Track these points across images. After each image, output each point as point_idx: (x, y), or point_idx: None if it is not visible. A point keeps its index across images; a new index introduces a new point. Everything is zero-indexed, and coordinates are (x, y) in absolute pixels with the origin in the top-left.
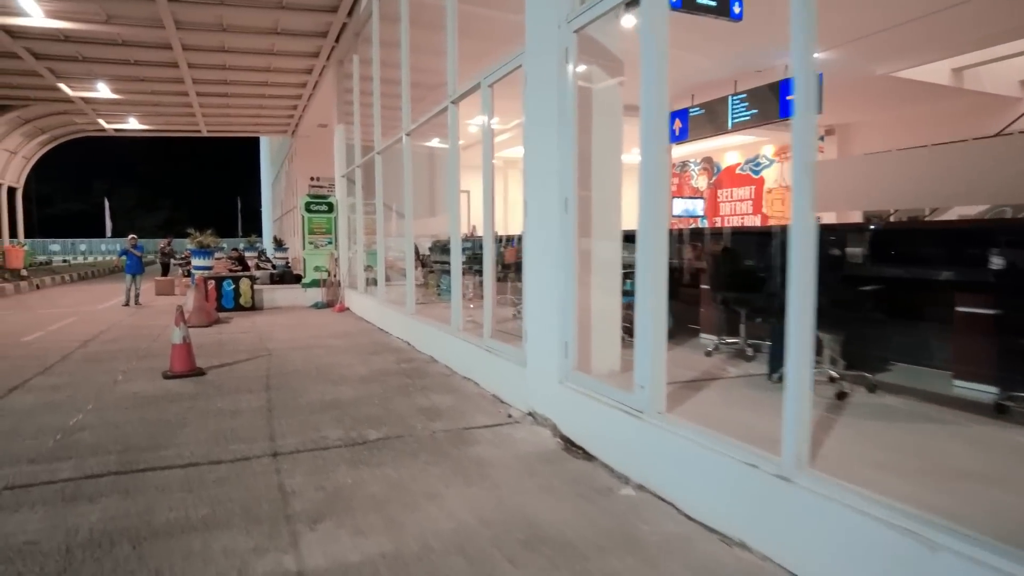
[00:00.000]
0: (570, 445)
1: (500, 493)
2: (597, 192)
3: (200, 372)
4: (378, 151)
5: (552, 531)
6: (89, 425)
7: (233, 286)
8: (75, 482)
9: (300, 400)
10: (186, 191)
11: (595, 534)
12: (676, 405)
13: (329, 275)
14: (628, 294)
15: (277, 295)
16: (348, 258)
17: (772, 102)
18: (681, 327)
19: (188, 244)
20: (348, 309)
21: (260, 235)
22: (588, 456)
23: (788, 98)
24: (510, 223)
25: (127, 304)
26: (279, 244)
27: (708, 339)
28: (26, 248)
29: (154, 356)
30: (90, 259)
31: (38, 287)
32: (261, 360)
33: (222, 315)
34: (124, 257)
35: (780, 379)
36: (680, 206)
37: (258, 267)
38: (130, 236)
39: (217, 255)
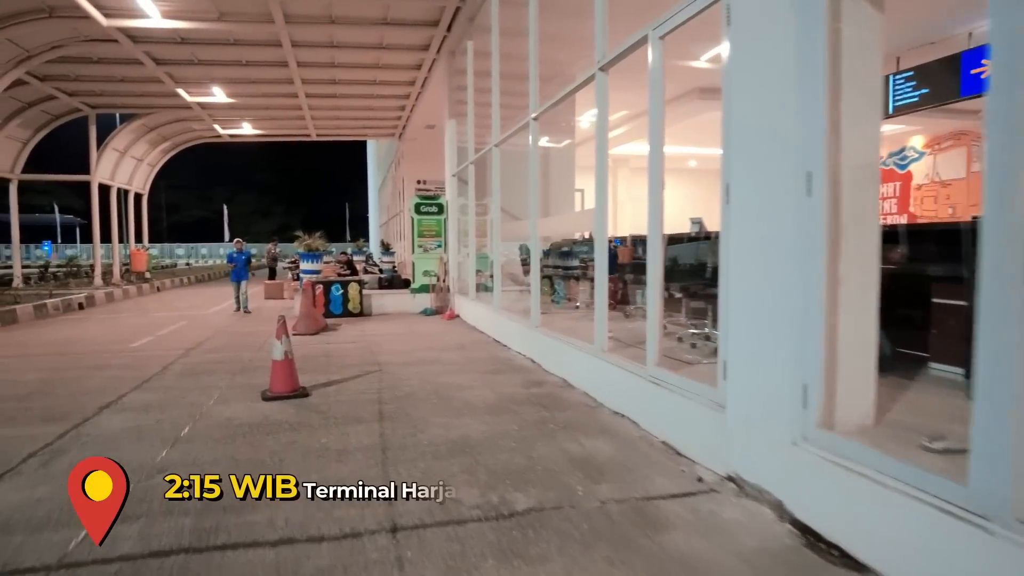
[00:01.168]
0: (814, 539)
1: None
2: (848, 169)
3: (303, 393)
4: (496, 143)
5: None
6: (172, 465)
7: (341, 291)
8: (133, 562)
9: (420, 437)
10: (298, 197)
11: None
12: None
13: (438, 280)
14: None
15: (386, 301)
16: (458, 262)
17: (949, 79)
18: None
19: (296, 248)
20: (458, 316)
21: (367, 240)
22: (851, 562)
23: (977, 72)
24: (619, 224)
25: (238, 310)
26: (386, 248)
27: (946, 370)
28: (150, 252)
29: (254, 370)
30: (209, 262)
31: (158, 289)
32: (371, 377)
33: (330, 321)
34: (233, 263)
35: None
36: None
37: (365, 271)
38: (235, 240)
39: (325, 259)
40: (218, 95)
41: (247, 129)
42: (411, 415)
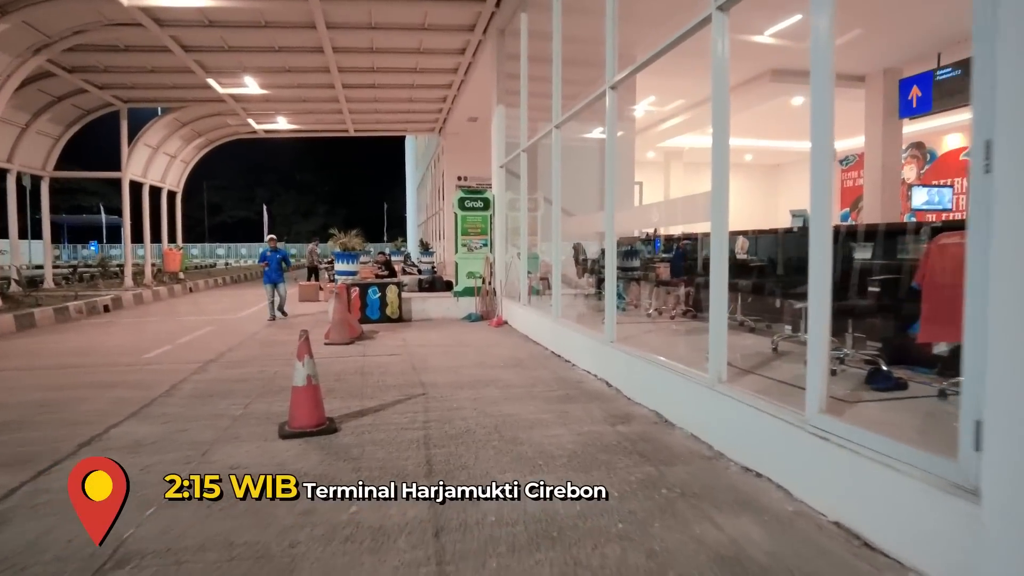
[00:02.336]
0: None
1: None
2: None
3: (330, 428)
4: (557, 123)
5: None
6: (140, 549)
7: (379, 294)
8: None
9: (484, 508)
10: (339, 198)
11: None
12: None
13: (484, 283)
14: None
15: (427, 305)
16: (506, 263)
17: None
18: None
19: (331, 247)
20: (506, 323)
21: (404, 239)
22: None
23: None
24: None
25: (272, 319)
26: (425, 248)
27: None
28: (183, 252)
29: (276, 392)
30: (247, 262)
31: (191, 290)
32: (415, 404)
33: (367, 328)
34: (265, 263)
35: None
36: (920, 197)
37: (404, 271)
38: (268, 237)
39: (363, 259)
40: (251, 86)
41: (282, 124)
42: (470, 468)
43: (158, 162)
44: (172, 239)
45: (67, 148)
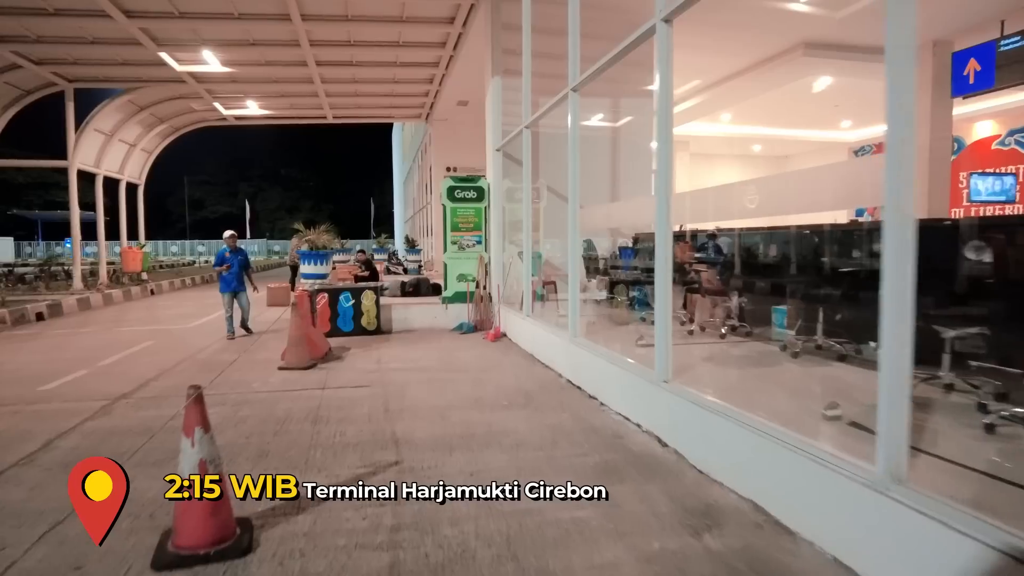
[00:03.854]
0: None
1: None
2: None
3: (238, 545)
4: (574, 86)
5: None
6: None
7: (352, 301)
8: None
9: None
10: (325, 193)
11: None
12: None
13: (478, 287)
14: None
15: (411, 313)
16: (504, 263)
17: None
18: None
19: (295, 245)
20: (505, 336)
21: (391, 236)
22: None
23: None
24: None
25: (232, 336)
26: (412, 245)
27: None
28: (146, 250)
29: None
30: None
31: (152, 292)
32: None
33: (337, 343)
34: (221, 267)
35: None
36: (981, 186)
37: (388, 271)
38: (228, 233)
39: (336, 258)
40: (212, 63)
41: (253, 109)
42: None
43: (114, 151)
44: (134, 236)
45: (11, 135)
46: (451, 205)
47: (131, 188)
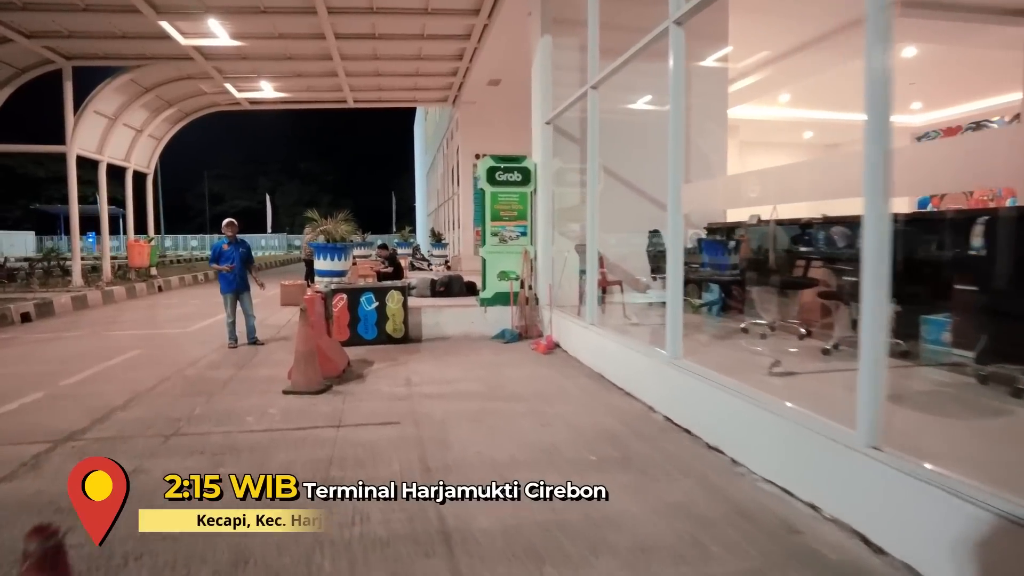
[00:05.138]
0: None
1: None
2: None
3: None
4: (676, 17)
5: None
6: None
7: (375, 303)
8: None
9: None
10: (343, 187)
11: None
12: None
13: (523, 287)
14: None
15: (443, 317)
16: (561, 258)
17: None
18: None
19: (308, 237)
20: (558, 347)
21: (413, 230)
22: None
23: None
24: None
25: (234, 345)
26: (437, 239)
27: None
28: (153, 244)
29: (124, 542)
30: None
31: (160, 289)
32: None
33: (356, 354)
34: (216, 264)
35: None
36: None
37: (412, 267)
38: (226, 221)
39: (356, 252)
40: (220, 35)
41: (268, 92)
42: None
43: (118, 136)
44: (141, 230)
45: (11, 122)
46: (491, 190)
47: (139, 178)
